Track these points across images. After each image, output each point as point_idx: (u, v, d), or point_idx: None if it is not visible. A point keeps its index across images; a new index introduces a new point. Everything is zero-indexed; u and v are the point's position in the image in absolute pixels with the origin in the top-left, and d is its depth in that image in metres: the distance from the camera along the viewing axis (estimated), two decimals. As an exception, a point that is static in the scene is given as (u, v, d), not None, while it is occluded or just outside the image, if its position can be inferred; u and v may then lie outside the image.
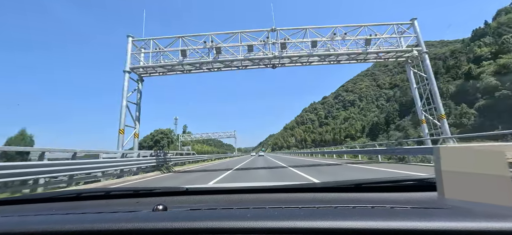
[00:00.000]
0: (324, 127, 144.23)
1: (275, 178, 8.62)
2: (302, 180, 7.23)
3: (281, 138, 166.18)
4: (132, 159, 10.83)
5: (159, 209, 0.73)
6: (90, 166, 7.80)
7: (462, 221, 0.49)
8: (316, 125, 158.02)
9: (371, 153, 16.34)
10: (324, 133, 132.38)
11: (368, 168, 9.74)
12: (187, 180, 9.17)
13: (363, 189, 0.88)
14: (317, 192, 0.89)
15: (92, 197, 1.05)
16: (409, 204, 0.68)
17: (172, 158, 16.10)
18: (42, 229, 0.61)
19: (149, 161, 12.12)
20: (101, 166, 8.37)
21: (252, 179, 8.56)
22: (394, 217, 0.53)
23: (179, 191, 1.02)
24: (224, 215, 0.65)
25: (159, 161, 13.28)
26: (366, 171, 8.76)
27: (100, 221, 0.62)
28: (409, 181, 0.85)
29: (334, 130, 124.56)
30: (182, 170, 14.73)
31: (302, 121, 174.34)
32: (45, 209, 0.89)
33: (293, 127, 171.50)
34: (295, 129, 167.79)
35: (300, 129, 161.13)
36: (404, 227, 0.50)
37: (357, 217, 0.54)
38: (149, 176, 10.98)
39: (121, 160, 9.79)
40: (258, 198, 0.93)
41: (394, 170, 8.49)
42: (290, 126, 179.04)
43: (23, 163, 5.84)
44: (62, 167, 6.76)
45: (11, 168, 5.39)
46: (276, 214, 0.62)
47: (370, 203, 0.71)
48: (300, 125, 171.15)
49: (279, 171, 10.77)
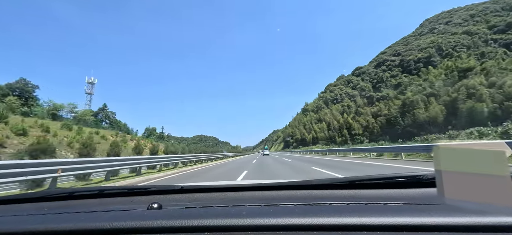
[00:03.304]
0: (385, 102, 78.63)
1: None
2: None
3: (301, 126, 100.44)
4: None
5: (154, 207, 0.72)
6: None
7: (454, 216, 0.50)
8: (361, 103, 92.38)
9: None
10: (397, 111, 66.53)
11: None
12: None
13: (357, 185, 0.88)
14: (312, 189, 0.89)
15: (85, 196, 1.03)
16: (402, 200, 0.69)
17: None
18: (35, 228, 0.59)
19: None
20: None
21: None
22: (387, 213, 0.54)
23: (174, 189, 1.00)
24: (219, 213, 0.64)
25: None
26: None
27: (94, 220, 0.61)
28: (402, 177, 0.86)
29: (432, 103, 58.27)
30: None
31: (333, 98, 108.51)
32: (37, 209, 0.87)
33: (320, 108, 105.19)
34: (323, 109, 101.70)
35: (334, 109, 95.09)
36: (396, 223, 0.51)
37: (351, 214, 0.55)
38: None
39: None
40: (254, 195, 0.92)
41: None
42: (312, 107, 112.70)
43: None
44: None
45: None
46: (271, 211, 0.62)
47: (364, 200, 0.72)
48: (330, 103, 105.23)
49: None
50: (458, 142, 14.94)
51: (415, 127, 54.19)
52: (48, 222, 0.63)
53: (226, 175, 9.34)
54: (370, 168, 9.33)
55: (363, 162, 12.03)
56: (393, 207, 0.61)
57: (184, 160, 15.48)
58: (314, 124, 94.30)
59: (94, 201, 0.97)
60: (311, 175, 7.86)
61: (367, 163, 11.63)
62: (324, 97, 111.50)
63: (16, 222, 0.67)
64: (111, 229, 0.56)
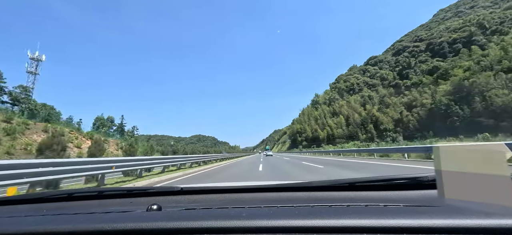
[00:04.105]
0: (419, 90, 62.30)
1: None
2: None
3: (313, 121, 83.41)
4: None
5: (154, 208, 0.71)
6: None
7: (454, 218, 0.49)
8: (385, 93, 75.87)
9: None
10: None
11: None
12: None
13: (358, 187, 0.87)
14: (312, 191, 0.89)
15: (84, 197, 1.03)
16: (402, 202, 0.69)
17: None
18: (33, 230, 0.59)
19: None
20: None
21: None
22: (387, 215, 0.54)
23: (173, 190, 0.99)
24: (219, 215, 0.64)
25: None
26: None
27: (93, 221, 0.61)
28: (402, 179, 0.85)
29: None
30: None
31: (349, 88, 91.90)
32: (36, 210, 0.87)
33: (334, 100, 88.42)
34: (337, 101, 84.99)
35: (353, 101, 78.49)
36: (396, 225, 0.50)
37: (351, 215, 0.55)
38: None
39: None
40: (253, 197, 0.92)
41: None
42: (323, 99, 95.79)
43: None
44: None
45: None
46: (271, 213, 0.61)
47: (364, 202, 0.73)
48: (346, 94, 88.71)
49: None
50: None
51: (490, 116, 37.86)
52: (47, 223, 0.62)
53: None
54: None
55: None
56: (393, 209, 0.61)
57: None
58: (328, 118, 77.69)
59: (93, 203, 0.97)
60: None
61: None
62: (338, 87, 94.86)
63: (14, 223, 0.67)
64: (110, 231, 0.56)
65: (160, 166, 10.85)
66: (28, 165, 4.50)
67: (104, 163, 6.61)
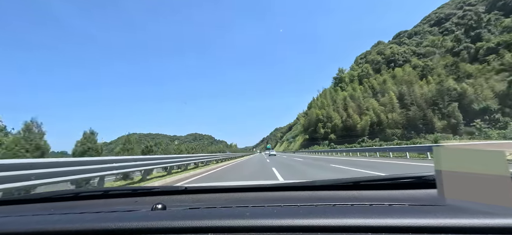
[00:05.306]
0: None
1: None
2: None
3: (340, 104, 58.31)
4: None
5: (158, 208, 0.72)
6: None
7: (459, 218, 0.49)
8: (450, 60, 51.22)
9: None
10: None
11: None
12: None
13: (362, 186, 0.86)
14: (316, 190, 0.88)
15: (90, 196, 1.05)
16: (407, 201, 0.68)
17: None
18: (41, 229, 0.60)
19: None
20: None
21: None
22: (392, 215, 0.53)
23: (178, 190, 1.01)
24: (223, 214, 0.64)
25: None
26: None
27: (99, 220, 0.62)
28: (407, 178, 0.84)
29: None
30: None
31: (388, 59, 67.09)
32: (44, 209, 0.88)
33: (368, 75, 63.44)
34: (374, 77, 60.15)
35: (402, 73, 53.63)
36: (402, 224, 0.50)
37: (355, 215, 0.54)
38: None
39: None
40: (257, 196, 0.92)
41: None
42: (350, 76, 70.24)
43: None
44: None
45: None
46: (275, 212, 0.62)
47: (368, 201, 0.71)
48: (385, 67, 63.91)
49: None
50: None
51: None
52: (54, 222, 0.63)
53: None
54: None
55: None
56: (398, 208, 0.60)
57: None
58: (369, 98, 52.82)
59: (99, 202, 0.98)
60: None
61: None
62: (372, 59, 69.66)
63: (23, 222, 0.68)
64: (116, 230, 0.57)
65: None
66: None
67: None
